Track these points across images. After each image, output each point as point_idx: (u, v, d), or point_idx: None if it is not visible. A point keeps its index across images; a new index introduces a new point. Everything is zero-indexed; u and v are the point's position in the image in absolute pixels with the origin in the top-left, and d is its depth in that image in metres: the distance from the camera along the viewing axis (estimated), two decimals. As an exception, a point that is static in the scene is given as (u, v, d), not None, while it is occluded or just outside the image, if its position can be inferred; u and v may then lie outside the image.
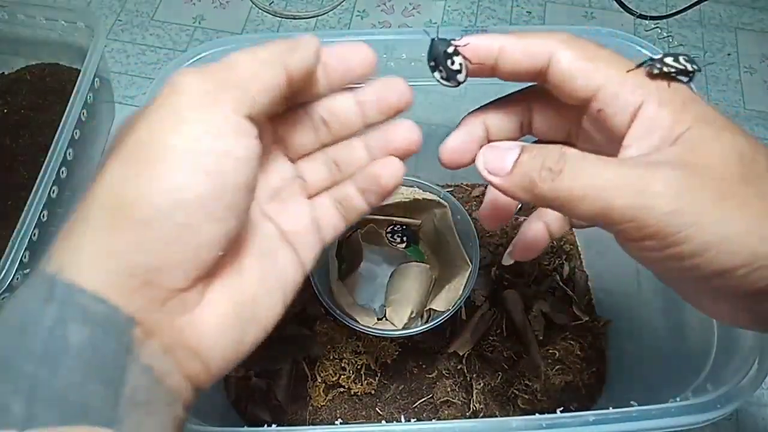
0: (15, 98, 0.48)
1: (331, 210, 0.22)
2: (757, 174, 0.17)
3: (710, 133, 0.18)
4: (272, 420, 0.37)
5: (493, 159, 0.19)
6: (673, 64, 0.19)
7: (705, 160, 0.17)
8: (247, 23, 0.55)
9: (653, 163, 0.17)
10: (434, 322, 0.35)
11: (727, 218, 0.16)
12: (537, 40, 0.19)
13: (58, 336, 0.14)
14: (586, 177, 0.17)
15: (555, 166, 0.18)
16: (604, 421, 0.23)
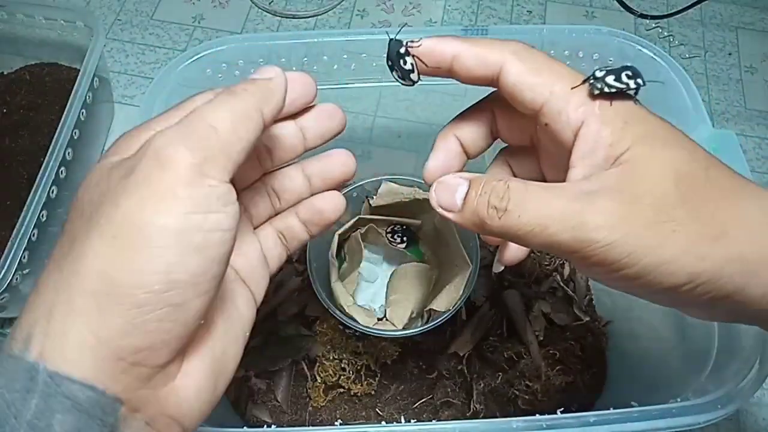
0: (14, 98, 0.48)
1: (275, 242, 0.23)
2: (694, 191, 0.18)
3: (649, 152, 0.18)
4: (272, 421, 0.37)
5: (443, 196, 0.20)
6: (615, 84, 0.19)
7: (642, 183, 0.18)
8: (247, 22, 0.55)
9: (592, 193, 0.18)
10: (434, 323, 0.35)
11: (663, 243, 0.17)
12: (489, 50, 0.20)
13: (41, 428, 0.14)
14: (530, 214, 0.18)
15: (500, 204, 0.18)
16: (605, 421, 0.23)
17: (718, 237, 0.17)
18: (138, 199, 0.15)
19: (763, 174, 0.48)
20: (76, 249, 0.15)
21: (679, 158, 0.18)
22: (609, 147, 0.18)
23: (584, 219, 0.17)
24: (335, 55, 0.34)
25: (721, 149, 0.29)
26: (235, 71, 0.33)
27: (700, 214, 0.17)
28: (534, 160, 0.23)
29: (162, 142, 0.16)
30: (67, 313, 0.15)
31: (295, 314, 0.39)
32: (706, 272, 0.17)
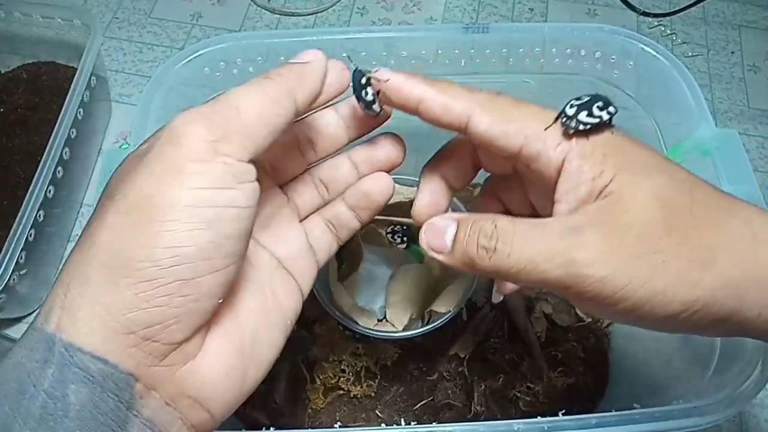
0: (11, 97, 0.47)
1: (324, 231, 0.22)
2: (679, 218, 0.18)
3: (631, 182, 0.18)
4: (271, 423, 0.36)
5: (433, 239, 0.20)
6: (588, 120, 0.19)
7: (628, 214, 0.17)
8: (246, 20, 0.55)
9: (579, 228, 0.18)
10: (435, 324, 0.34)
11: (655, 274, 0.17)
12: (455, 101, 0.19)
13: (57, 397, 0.14)
14: (520, 252, 0.18)
15: (489, 243, 0.18)
16: (607, 423, 0.23)
17: (708, 263, 0.17)
18: (150, 174, 0.15)
19: (766, 173, 0.48)
20: (93, 224, 0.16)
21: (661, 185, 0.18)
22: (592, 181, 0.18)
23: (574, 255, 0.17)
24: (335, 53, 0.33)
25: (723, 148, 0.29)
26: (234, 69, 0.33)
27: (688, 241, 0.17)
28: (521, 187, 0.22)
29: (180, 119, 0.16)
30: (81, 285, 0.15)
31: (294, 315, 0.39)
32: (699, 299, 0.17)
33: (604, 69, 0.34)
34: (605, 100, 0.19)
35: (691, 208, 0.18)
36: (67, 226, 0.44)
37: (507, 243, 0.18)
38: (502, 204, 0.24)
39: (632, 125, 0.35)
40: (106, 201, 0.16)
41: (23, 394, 0.14)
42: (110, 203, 0.16)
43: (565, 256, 0.17)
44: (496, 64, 0.34)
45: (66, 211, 0.43)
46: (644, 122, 0.34)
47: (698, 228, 0.18)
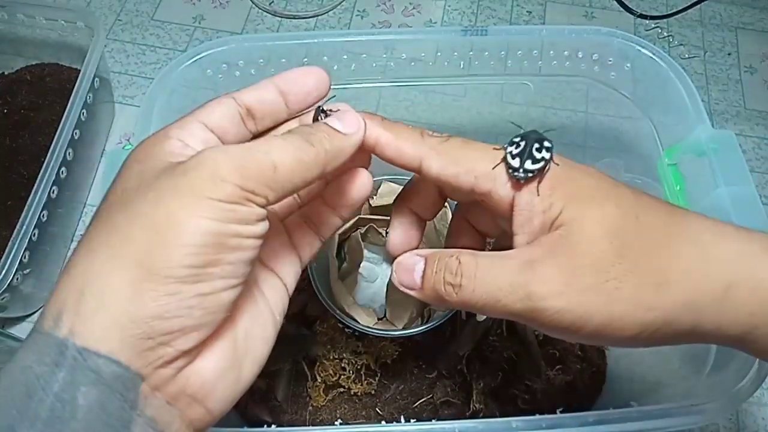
0: (15, 98, 0.48)
1: (305, 229, 0.23)
2: (629, 245, 0.18)
3: (580, 213, 0.19)
4: (272, 420, 0.37)
5: (404, 277, 0.21)
6: (534, 167, 0.19)
7: (579, 246, 0.18)
8: (247, 23, 0.55)
9: (535, 262, 0.19)
10: (434, 323, 0.35)
11: (609, 301, 0.18)
12: (407, 145, 0.21)
13: (66, 400, 0.15)
14: (482, 288, 0.19)
15: (454, 280, 0.19)
16: (605, 421, 0.23)
17: (661, 285, 0.18)
18: (184, 203, 0.16)
19: (763, 174, 0.48)
20: (114, 235, 0.16)
21: (608, 213, 0.19)
22: (543, 214, 0.19)
23: (531, 289, 0.18)
24: (335, 55, 0.34)
25: (720, 149, 0.29)
26: (236, 72, 0.33)
27: (639, 266, 0.18)
28: (487, 212, 0.23)
29: (222, 161, 0.16)
30: (101, 294, 0.15)
31: (295, 314, 0.39)
32: (656, 320, 0.18)
33: (601, 71, 0.34)
34: (539, 138, 0.20)
35: (639, 234, 0.19)
36: (71, 226, 0.44)
37: (471, 279, 0.19)
38: (472, 226, 0.25)
39: (629, 127, 0.36)
40: (125, 211, 0.16)
41: (31, 398, 0.15)
42: (136, 218, 0.16)
43: (524, 290, 0.18)
44: (494, 66, 0.35)
45: (69, 211, 0.43)
46: (641, 124, 0.34)
47: (648, 253, 0.18)
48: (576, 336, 0.19)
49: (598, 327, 0.18)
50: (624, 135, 0.37)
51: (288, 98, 0.20)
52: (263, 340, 0.20)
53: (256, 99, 0.20)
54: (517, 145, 0.20)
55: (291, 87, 0.20)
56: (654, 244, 0.18)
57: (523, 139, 0.20)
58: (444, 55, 0.35)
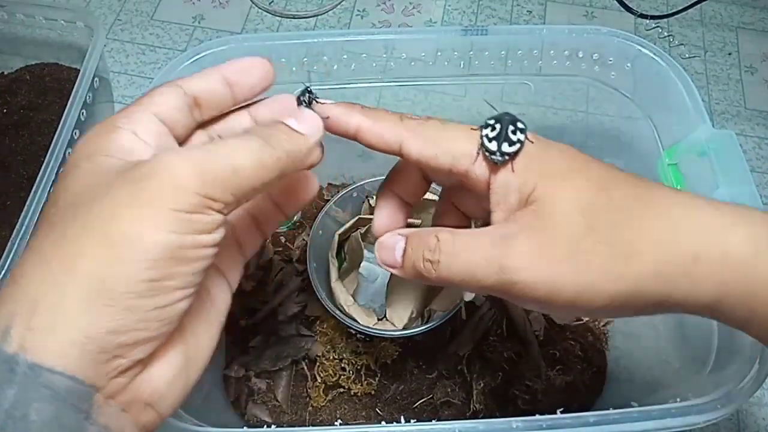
0: (14, 98, 0.48)
1: (250, 227, 0.23)
2: (599, 217, 0.19)
3: (553, 188, 0.19)
4: (272, 420, 0.37)
5: (385, 255, 0.22)
6: (511, 150, 0.20)
7: (552, 219, 0.19)
8: (247, 22, 0.55)
9: (510, 236, 0.19)
10: (434, 323, 0.35)
11: (579, 272, 0.18)
12: (387, 129, 0.21)
13: (17, 417, 0.14)
14: (459, 264, 0.19)
15: (433, 257, 0.20)
16: (605, 421, 0.23)
17: (630, 256, 0.18)
18: (142, 215, 0.16)
19: (763, 174, 0.48)
20: (67, 248, 0.16)
21: (579, 189, 0.19)
22: (518, 191, 0.20)
23: (504, 263, 0.19)
24: (335, 55, 0.34)
25: (720, 149, 0.29)
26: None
27: (608, 238, 0.19)
28: (472, 193, 0.23)
29: (182, 168, 0.16)
30: (55, 309, 0.15)
31: (295, 314, 0.39)
32: (626, 290, 0.18)
33: (601, 71, 0.34)
34: (513, 120, 0.21)
35: (610, 207, 0.19)
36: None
37: (448, 255, 0.20)
38: (458, 210, 0.25)
39: (630, 127, 0.36)
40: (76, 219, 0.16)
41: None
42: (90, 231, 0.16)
43: (498, 263, 0.19)
44: (494, 66, 0.34)
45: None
46: (641, 124, 0.34)
47: (618, 225, 0.19)
48: (550, 307, 0.19)
49: (570, 297, 0.18)
50: (624, 135, 0.37)
51: (234, 89, 0.20)
52: (209, 341, 0.20)
53: (203, 89, 0.20)
54: (492, 128, 0.20)
55: (237, 78, 0.20)
56: (624, 217, 0.19)
57: (497, 121, 0.20)
58: (444, 54, 0.34)
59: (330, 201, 0.39)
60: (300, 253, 0.41)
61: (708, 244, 0.18)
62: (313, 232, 0.37)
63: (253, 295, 0.40)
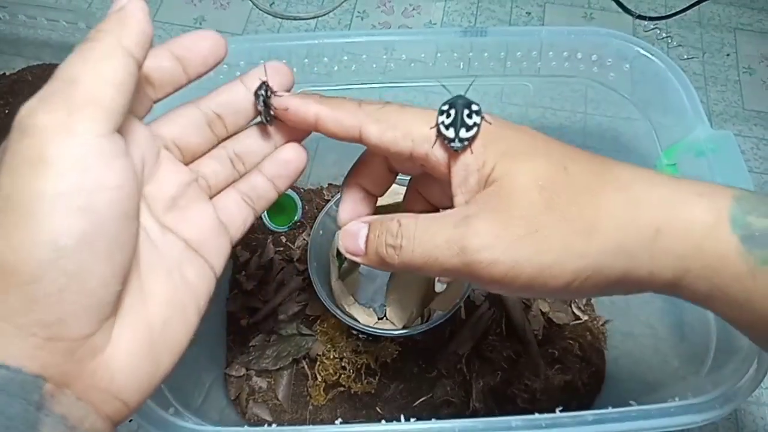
0: (16, 99, 0.48)
1: (240, 204, 0.22)
2: (557, 195, 0.19)
3: (511, 167, 0.19)
4: (272, 419, 0.37)
5: (348, 243, 0.21)
6: (469, 135, 0.20)
7: (510, 198, 0.19)
8: (248, 24, 0.55)
9: (470, 216, 0.19)
10: (434, 322, 0.35)
11: (540, 250, 0.18)
12: (346, 115, 0.21)
13: None
14: (422, 247, 0.19)
15: (395, 242, 0.20)
16: (603, 420, 0.23)
17: (590, 232, 0.18)
18: (9, 172, 0.14)
19: (762, 174, 0.48)
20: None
21: (538, 166, 0.19)
22: (477, 172, 0.20)
23: (465, 244, 0.18)
24: (336, 56, 0.34)
25: (719, 150, 0.29)
26: (237, 72, 0.33)
27: (567, 215, 0.18)
28: (436, 181, 0.23)
29: (24, 111, 0.15)
30: None
31: (295, 313, 0.39)
32: (587, 267, 0.18)
33: (600, 72, 0.34)
34: (466, 103, 0.20)
35: (569, 184, 0.19)
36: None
37: (410, 240, 0.19)
38: (425, 199, 0.25)
39: (628, 127, 0.36)
40: None
41: None
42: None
43: (459, 245, 0.18)
44: (494, 67, 0.35)
45: None
46: (640, 124, 0.34)
47: (576, 202, 0.19)
48: (511, 288, 0.19)
49: (531, 276, 0.18)
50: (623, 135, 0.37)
51: (184, 63, 0.20)
52: (184, 328, 0.19)
53: (152, 65, 0.19)
54: (447, 114, 0.20)
55: (185, 53, 0.19)
56: (583, 193, 0.19)
57: (451, 106, 0.20)
58: (443, 55, 0.35)
59: (330, 201, 0.40)
60: (301, 253, 0.42)
61: (670, 217, 0.18)
62: (313, 232, 0.38)
63: (254, 294, 0.40)
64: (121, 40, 0.16)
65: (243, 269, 0.41)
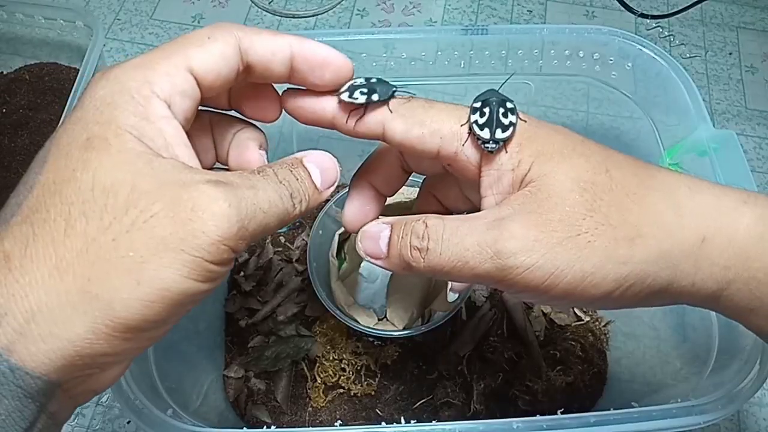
0: (14, 98, 0.48)
1: None
2: (600, 198, 0.18)
3: (549, 168, 0.18)
4: (272, 421, 0.37)
5: (369, 245, 0.20)
6: (504, 136, 0.19)
7: (549, 200, 0.18)
8: (247, 22, 0.55)
9: (504, 219, 0.18)
10: (435, 323, 0.34)
11: (581, 256, 0.17)
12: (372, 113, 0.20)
13: None
14: (450, 250, 0.18)
15: (421, 244, 0.18)
16: (606, 422, 0.23)
17: (634, 238, 0.17)
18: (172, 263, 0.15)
19: (764, 174, 0.48)
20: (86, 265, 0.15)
21: (578, 168, 0.18)
22: (512, 172, 0.19)
23: (500, 247, 0.17)
24: (335, 54, 0.33)
25: (721, 149, 0.29)
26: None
27: (611, 219, 0.17)
28: (456, 183, 0.23)
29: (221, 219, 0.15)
30: (55, 322, 0.14)
31: (294, 314, 0.39)
32: (631, 275, 0.17)
33: (602, 70, 0.34)
34: (501, 101, 0.19)
35: (611, 189, 0.18)
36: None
37: (438, 242, 0.18)
38: (439, 202, 0.24)
39: (630, 126, 0.36)
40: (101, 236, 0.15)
41: None
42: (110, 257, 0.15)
43: (493, 248, 0.17)
44: (495, 65, 0.34)
45: None
46: (642, 123, 0.34)
47: (620, 206, 0.18)
48: (547, 296, 0.18)
49: (571, 283, 0.17)
50: (625, 134, 0.37)
51: (293, 75, 0.19)
52: None
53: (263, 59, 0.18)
54: (481, 113, 0.19)
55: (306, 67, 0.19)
56: (626, 198, 0.18)
57: (484, 104, 0.19)
58: (444, 54, 0.34)
59: (330, 201, 0.39)
60: (300, 253, 0.41)
61: (713, 225, 0.18)
62: (313, 232, 0.37)
63: (253, 295, 0.40)
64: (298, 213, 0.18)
65: (242, 270, 0.40)
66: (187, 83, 0.17)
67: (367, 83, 0.20)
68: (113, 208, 0.15)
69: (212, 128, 0.21)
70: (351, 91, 0.20)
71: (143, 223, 0.15)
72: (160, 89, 0.17)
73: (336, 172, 0.19)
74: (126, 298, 0.15)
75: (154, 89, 0.16)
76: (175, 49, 0.17)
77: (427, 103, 0.20)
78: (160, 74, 0.17)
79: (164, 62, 0.17)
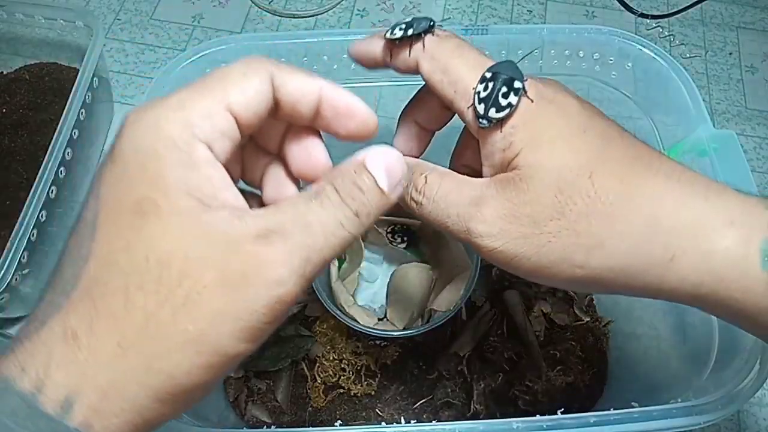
0: (13, 98, 0.48)
1: None
2: (574, 203, 0.18)
3: (536, 159, 0.19)
4: (272, 421, 0.37)
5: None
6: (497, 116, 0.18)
7: (526, 193, 0.18)
8: (247, 22, 0.55)
9: (484, 198, 0.19)
10: (435, 323, 0.34)
11: (539, 252, 0.18)
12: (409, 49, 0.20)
13: None
14: (436, 213, 0.20)
15: (417, 197, 0.20)
16: (606, 422, 0.23)
17: (593, 248, 0.18)
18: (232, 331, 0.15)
19: (764, 174, 0.48)
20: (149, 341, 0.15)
21: (563, 166, 0.18)
22: (502, 152, 0.19)
23: (471, 226, 0.19)
24: (335, 54, 0.34)
25: (721, 149, 0.29)
26: (235, 71, 0.33)
27: (577, 225, 0.18)
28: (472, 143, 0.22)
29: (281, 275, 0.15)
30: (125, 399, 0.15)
31: (295, 314, 0.39)
32: (585, 277, 0.18)
33: (602, 70, 0.34)
34: (510, 79, 0.18)
35: (588, 193, 0.18)
36: (69, 226, 0.44)
37: (429, 201, 0.20)
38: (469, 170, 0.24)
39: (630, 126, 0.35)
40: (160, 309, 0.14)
41: None
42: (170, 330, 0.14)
43: (466, 225, 0.19)
44: (495, 65, 0.34)
45: (68, 211, 0.43)
46: (642, 123, 0.34)
47: (590, 214, 0.18)
48: (517, 273, 0.19)
49: (529, 270, 0.19)
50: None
51: (317, 119, 0.18)
52: None
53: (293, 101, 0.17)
54: (486, 85, 0.19)
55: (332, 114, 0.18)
56: (600, 206, 0.18)
57: (493, 77, 0.19)
58: (444, 54, 0.34)
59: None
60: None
61: (689, 246, 0.18)
62: (312, 232, 0.37)
63: (253, 295, 0.40)
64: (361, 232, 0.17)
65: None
66: (227, 123, 0.16)
67: (409, 20, 0.20)
68: (168, 280, 0.15)
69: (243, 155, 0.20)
70: (393, 29, 0.20)
71: (197, 294, 0.15)
72: (201, 131, 0.16)
73: (402, 166, 0.17)
74: (188, 368, 0.15)
75: (195, 131, 0.15)
76: (213, 86, 0.16)
77: (458, 49, 0.20)
78: (201, 115, 0.16)
79: (203, 101, 0.16)
